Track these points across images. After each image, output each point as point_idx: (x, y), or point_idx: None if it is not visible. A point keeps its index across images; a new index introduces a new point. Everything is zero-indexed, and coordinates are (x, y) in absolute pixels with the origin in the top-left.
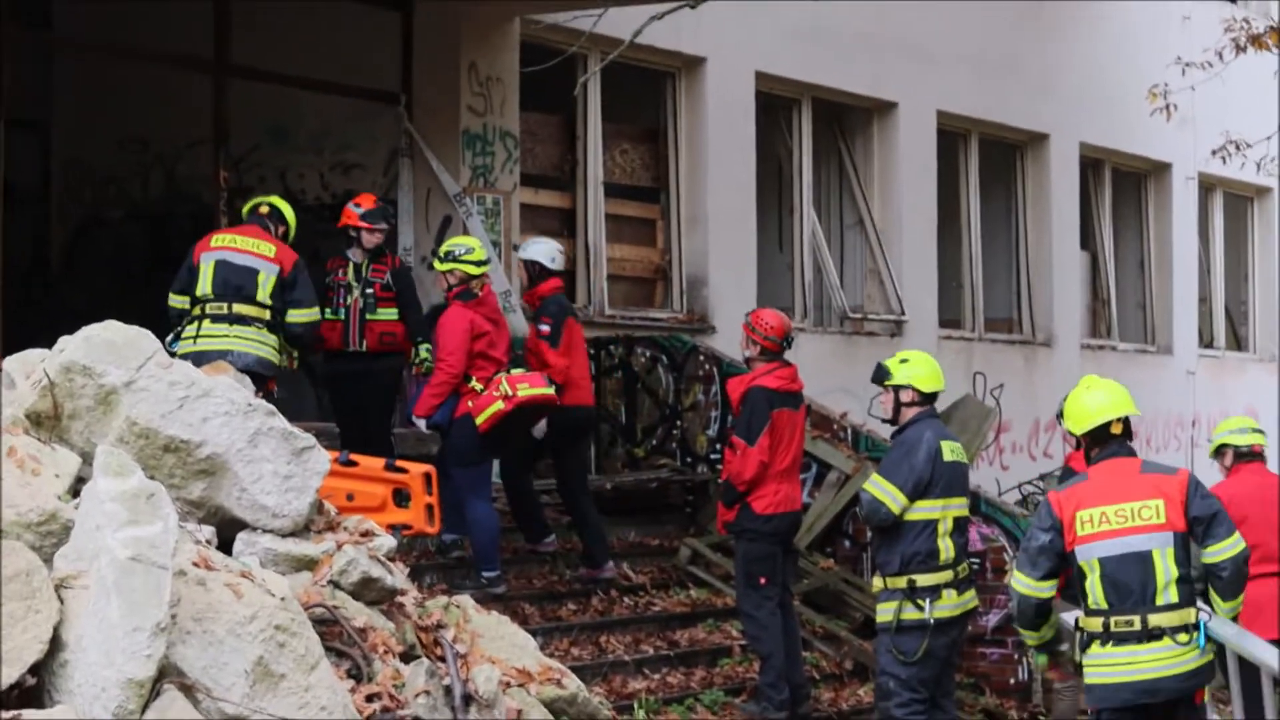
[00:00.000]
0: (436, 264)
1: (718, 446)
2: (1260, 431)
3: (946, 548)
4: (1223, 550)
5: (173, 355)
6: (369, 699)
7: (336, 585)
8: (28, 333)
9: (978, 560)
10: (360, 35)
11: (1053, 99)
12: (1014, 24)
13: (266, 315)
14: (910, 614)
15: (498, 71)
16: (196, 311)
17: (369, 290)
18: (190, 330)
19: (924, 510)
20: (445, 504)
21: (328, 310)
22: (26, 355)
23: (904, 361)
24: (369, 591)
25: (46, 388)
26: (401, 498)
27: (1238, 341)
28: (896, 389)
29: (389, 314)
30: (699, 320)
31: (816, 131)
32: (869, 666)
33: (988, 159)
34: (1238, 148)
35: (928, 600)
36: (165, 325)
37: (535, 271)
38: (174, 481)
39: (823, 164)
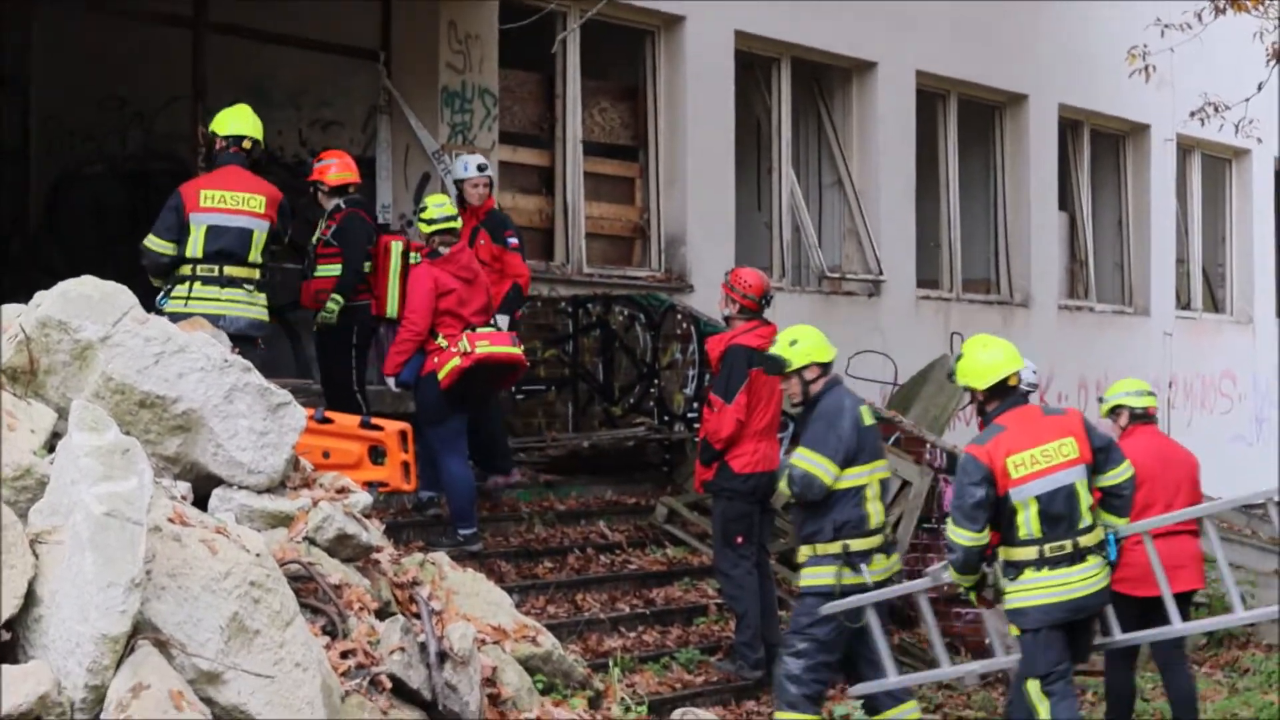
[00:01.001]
0: (422, 225)
1: (695, 405)
2: (1153, 395)
3: (876, 512)
4: (1121, 474)
5: (160, 314)
6: (344, 655)
7: (312, 542)
8: (7, 289)
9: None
10: None
11: (1031, 60)
12: None
13: (256, 275)
14: (850, 578)
15: (477, 29)
16: (186, 271)
17: (313, 247)
18: (181, 291)
19: (853, 478)
20: (421, 461)
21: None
22: (3, 310)
23: (794, 343)
24: (344, 548)
25: (23, 343)
26: (378, 455)
27: (1214, 303)
28: (799, 372)
29: (327, 270)
30: (677, 279)
31: (795, 91)
32: None
33: (966, 119)
34: (1216, 109)
35: (863, 565)
36: (142, 283)
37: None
38: (149, 437)
39: (801, 123)
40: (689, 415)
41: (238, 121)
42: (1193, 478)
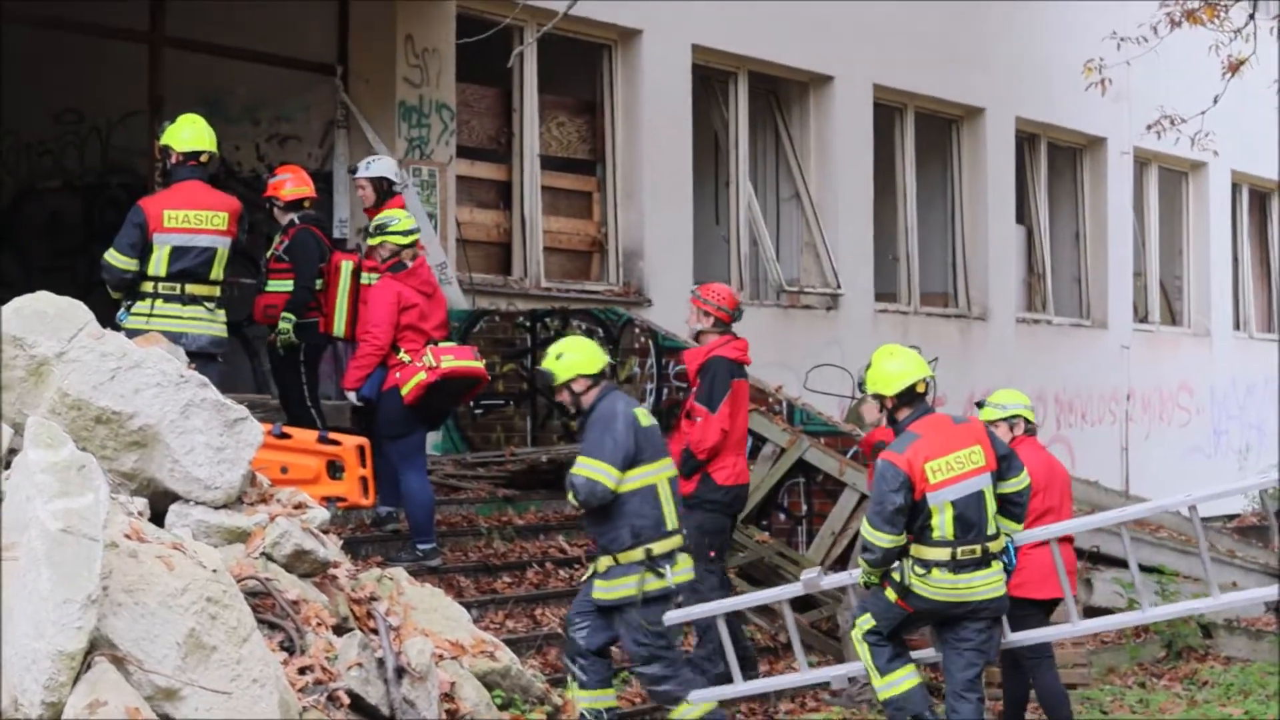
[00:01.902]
0: (369, 239)
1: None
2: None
3: (670, 513)
4: (1020, 482)
5: (120, 329)
6: (301, 671)
7: (269, 557)
8: None
9: None
10: (296, 6)
11: (988, 73)
12: None
13: (217, 292)
14: (654, 584)
15: (434, 43)
16: (148, 288)
17: (264, 262)
18: (142, 308)
19: (639, 478)
20: (380, 476)
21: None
22: None
23: (559, 357)
24: (302, 564)
25: None
26: (336, 470)
27: (1172, 316)
28: (567, 384)
29: (278, 286)
30: (635, 293)
31: (753, 105)
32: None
33: (924, 133)
34: (1172, 123)
35: (667, 567)
36: (99, 298)
37: (384, 189)
38: (106, 453)
39: (759, 137)
40: None
41: (193, 134)
42: (1069, 487)
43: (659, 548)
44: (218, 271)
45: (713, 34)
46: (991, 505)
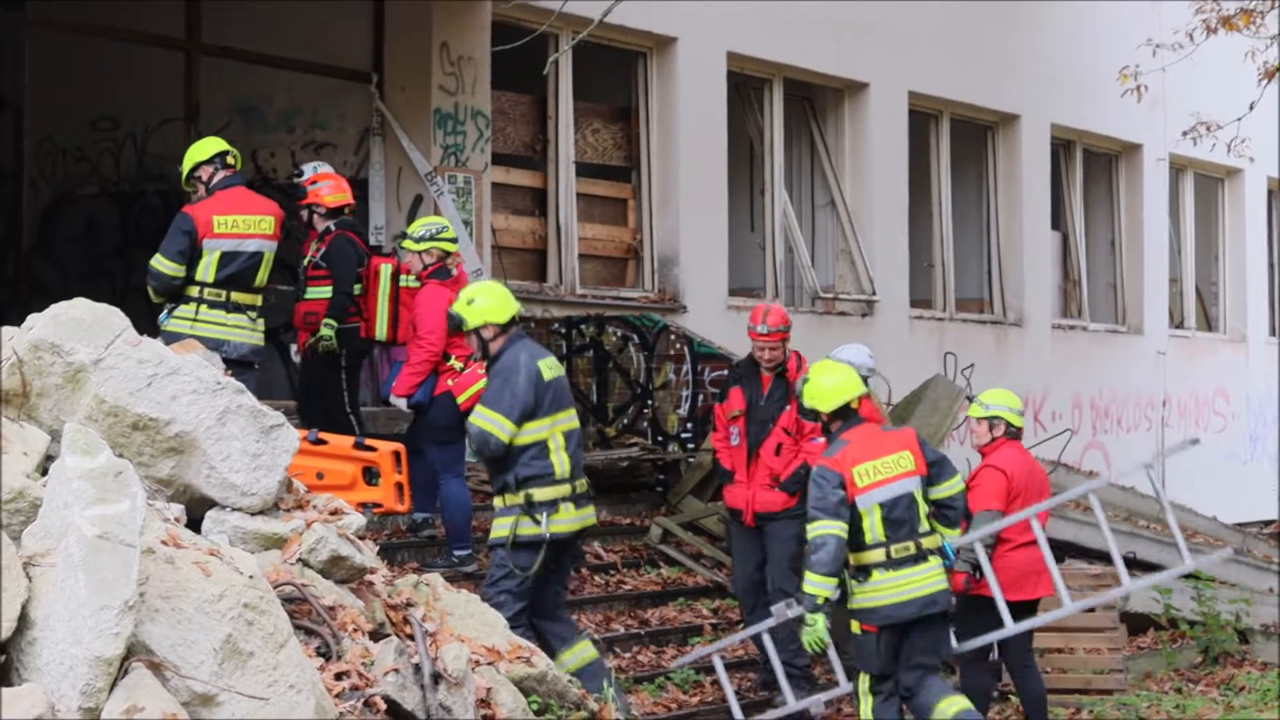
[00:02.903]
0: (410, 244)
1: (688, 425)
2: (1022, 414)
3: (561, 463)
4: (953, 487)
5: (161, 331)
6: (338, 677)
7: (305, 563)
8: (1, 308)
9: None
10: (331, 14)
11: (1024, 80)
12: (985, 4)
13: (259, 301)
14: (527, 529)
15: (469, 51)
16: (193, 293)
17: (302, 269)
18: (186, 312)
19: (533, 432)
20: (416, 482)
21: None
22: None
23: (471, 302)
24: (338, 570)
25: (15, 365)
26: (371, 476)
27: (1208, 322)
28: (476, 331)
29: (317, 293)
30: (670, 300)
31: (788, 111)
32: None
33: (959, 140)
34: (1208, 129)
35: (544, 515)
36: (136, 304)
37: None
38: (142, 459)
39: (794, 144)
40: (683, 435)
41: (206, 143)
42: (1047, 489)
43: (540, 494)
44: (263, 277)
45: (748, 41)
46: (922, 507)
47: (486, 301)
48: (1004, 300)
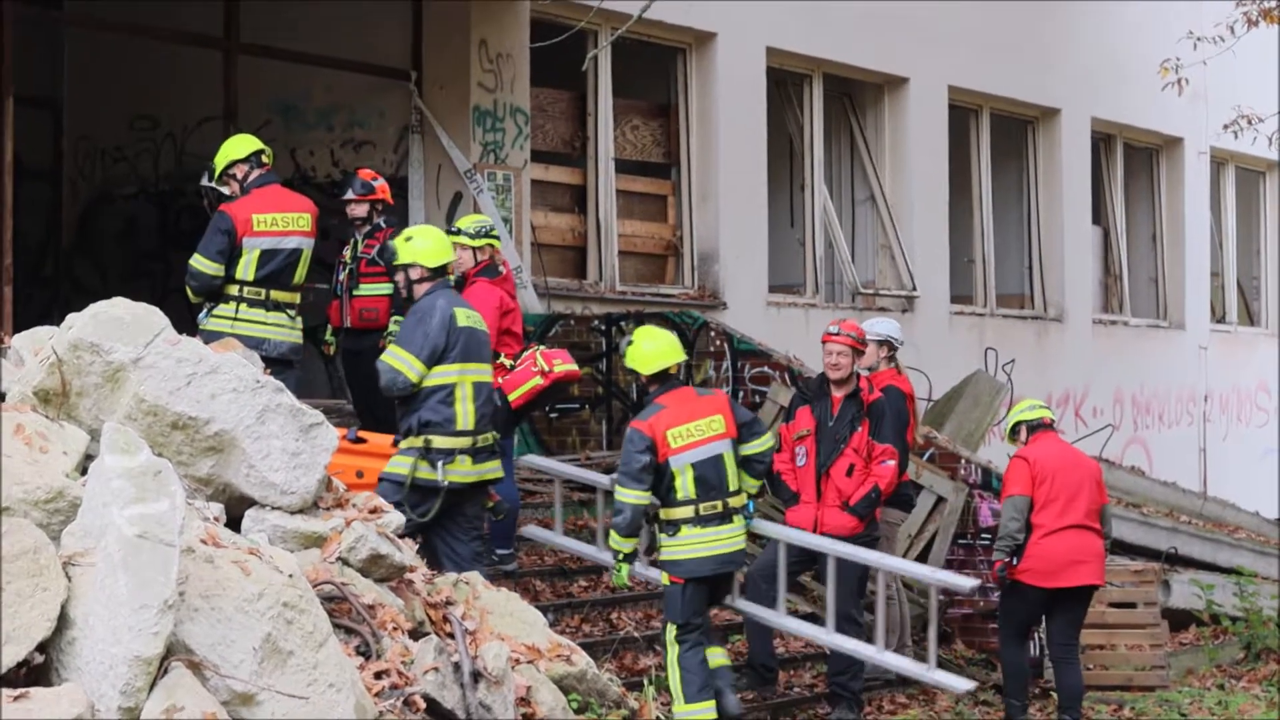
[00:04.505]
0: (466, 240)
1: None
2: (1046, 408)
3: (465, 414)
4: (763, 444)
5: (200, 330)
6: (378, 676)
7: (345, 562)
8: (39, 309)
9: (988, 536)
10: (370, 12)
11: (1064, 74)
12: None
13: (297, 299)
14: (424, 473)
15: (508, 48)
16: (233, 291)
17: (355, 265)
18: (226, 311)
19: (441, 376)
20: None
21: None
22: (35, 333)
23: (409, 240)
24: (377, 568)
25: (55, 365)
26: None
27: (1249, 316)
28: (405, 268)
29: (373, 289)
30: (710, 296)
31: (827, 107)
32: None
33: (999, 134)
34: (1249, 122)
35: (440, 463)
36: (176, 304)
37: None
38: (182, 459)
39: (834, 139)
40: None
41: (241, 140)
42: (1096, 480)
43: (440, 443)
44: (301, 274)
45: (787, 36)
46: (731, 468)
47: (423, 243)
48: (1045, 295)
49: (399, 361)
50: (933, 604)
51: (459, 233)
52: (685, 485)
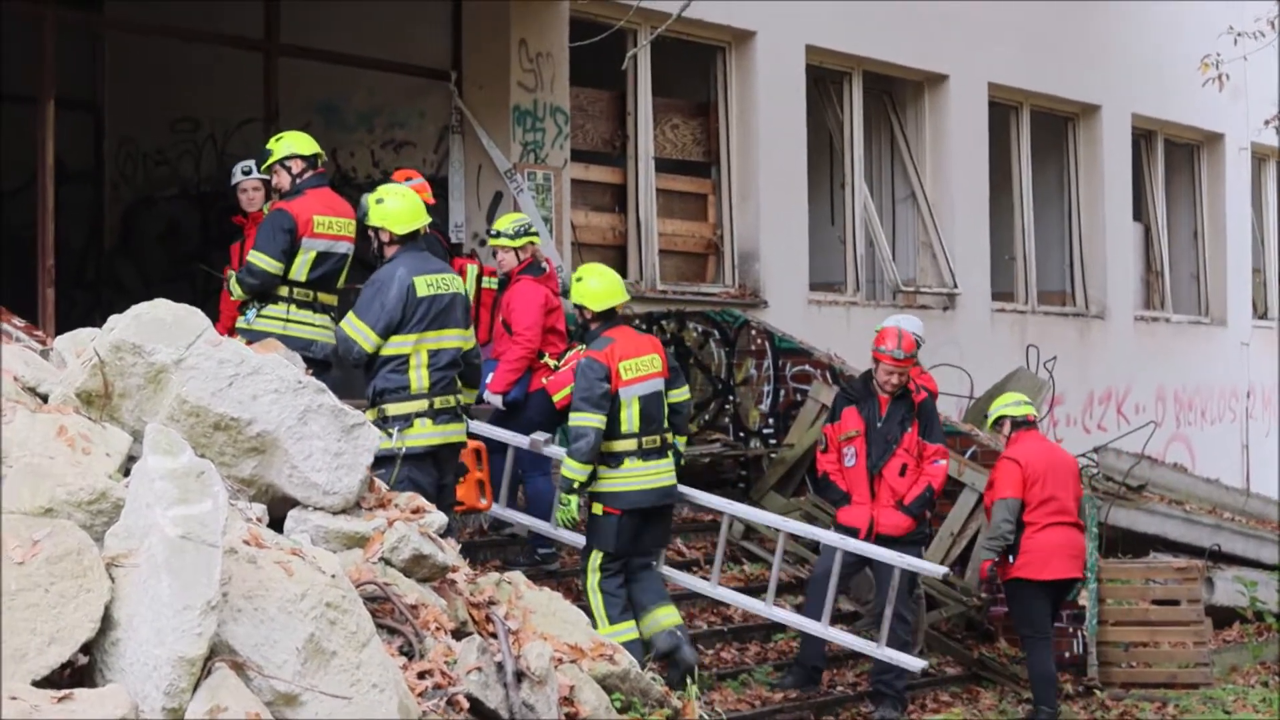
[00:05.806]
0: (506, 241)
1: (770, 421)
2: (1030, 404)
3: (419, 379)
4: (682, 394)
5: (239, 330)
6: (421, 676)
7: (388, 562)
8: (81, 311)
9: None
10: (410, 13)
11: (1104, 70)
12: None
13: (336, 301)
14: (382, 443)
15: (547, 47)
16: (283, 292)
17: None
18: (277, 311)
19: (396, 346)
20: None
21: None
22: (77, 334)
23: (380, 201)
24: (420, 568)
25: (97, 366)
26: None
27: None
28: (375, 230)
29: None
30: (751, 295)
31: (867, 105)
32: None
33: (1039, 131)
34: None
35: (396, 429)
36: (217, 306)
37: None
38: (224, 459)
39: (874, 137)
40: (764, 431)
41: (307, 141)
42: (1076, 475)
43: (394, 409)
44: (344, 278)
45: (827, 34)
46: (667, 405)
47: (394, 206)
48: (1086, 292)
49: (354, 331)
50: (893, 586)
51: (498, 235)
52: (631, 418)
